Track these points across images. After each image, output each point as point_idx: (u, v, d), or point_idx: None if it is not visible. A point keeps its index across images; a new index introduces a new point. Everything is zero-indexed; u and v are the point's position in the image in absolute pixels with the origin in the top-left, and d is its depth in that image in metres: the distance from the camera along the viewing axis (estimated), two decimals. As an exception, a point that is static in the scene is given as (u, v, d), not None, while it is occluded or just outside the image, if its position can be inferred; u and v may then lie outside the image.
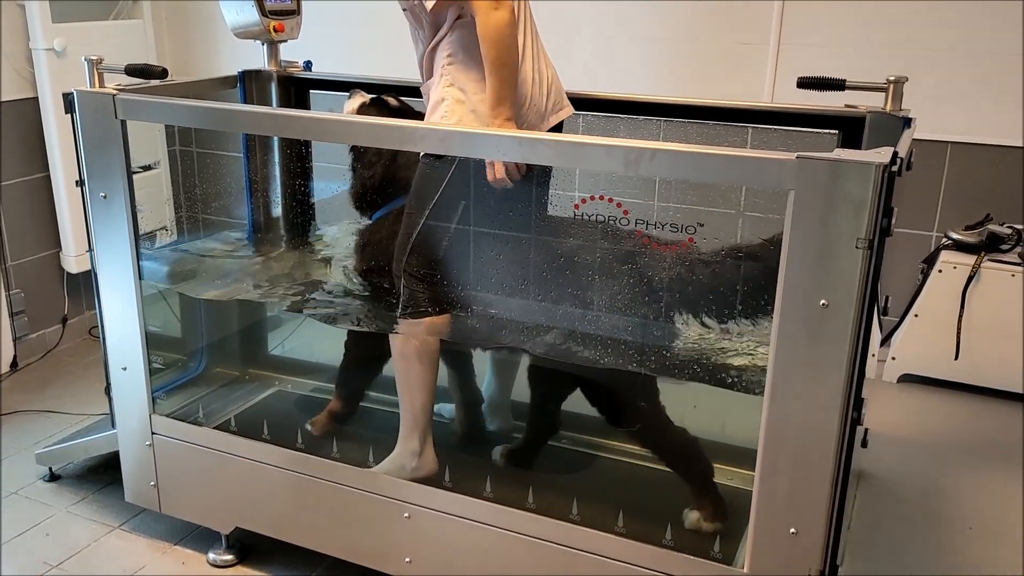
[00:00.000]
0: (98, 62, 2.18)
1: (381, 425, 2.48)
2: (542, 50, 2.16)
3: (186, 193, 2.97)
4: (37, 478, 2.74)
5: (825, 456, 1.60)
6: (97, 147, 2.15)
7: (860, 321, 1.53)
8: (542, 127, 2.12)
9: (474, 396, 2.55)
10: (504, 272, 2.14)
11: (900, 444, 2.88)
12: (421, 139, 1.89)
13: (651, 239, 1.95)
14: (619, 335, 2.03)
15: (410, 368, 2.18)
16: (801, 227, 1.51)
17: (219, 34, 3.94)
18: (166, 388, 2.57)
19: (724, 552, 1.86)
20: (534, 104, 2.09)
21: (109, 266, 2.24)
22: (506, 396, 2.55)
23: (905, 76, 2.08)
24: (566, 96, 2.20)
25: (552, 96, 2.15)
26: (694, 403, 2.18)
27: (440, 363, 2.23)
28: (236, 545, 2.39)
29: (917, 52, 3.11)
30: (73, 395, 3.25)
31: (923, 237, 3.29)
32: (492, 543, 1.99)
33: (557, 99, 2.18)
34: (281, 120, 2.17)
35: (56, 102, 3.33)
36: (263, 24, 2.57)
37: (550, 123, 2.15)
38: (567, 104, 2.20)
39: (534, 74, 2.09)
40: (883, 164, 1.46)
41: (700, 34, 3.33)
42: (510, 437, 2.49)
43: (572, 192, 2.08)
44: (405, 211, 2.16)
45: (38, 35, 3.30)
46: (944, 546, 2.39)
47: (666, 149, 1.61)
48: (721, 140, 2.37)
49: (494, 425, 2.55)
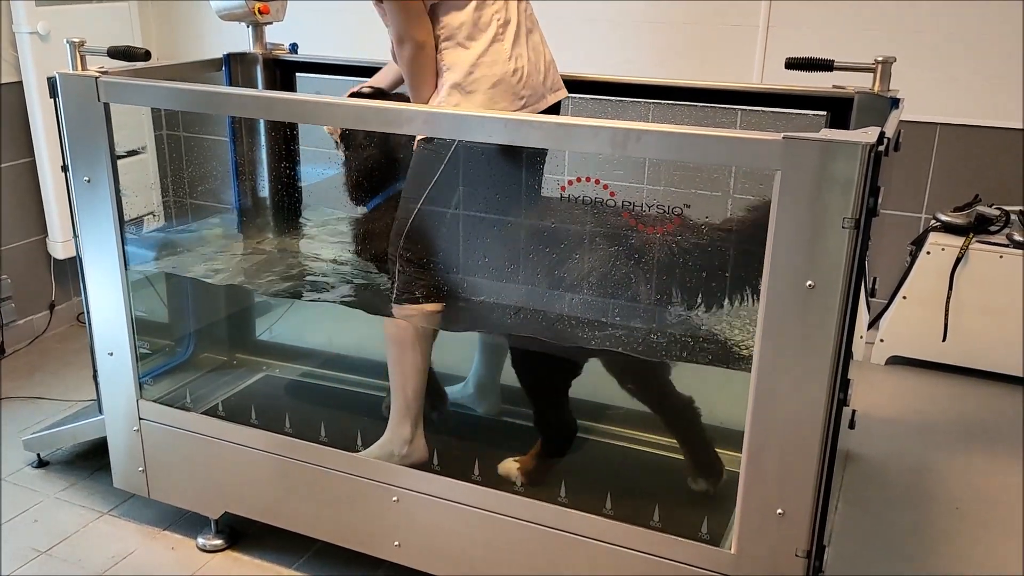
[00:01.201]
0: (80, 44, 2.16)
1: (370, 409, 2.48)
2: (536, 27, 2.17)
3: (173, 177, 2.95)
4: (25, 464, 2.73)
5: (812, 437, 1.61)
6: (80, 131, 2.13)
7: (846, 302, 1.53)
8: (540, 105, 2.13)
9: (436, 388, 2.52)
10: (498, 257, 2.14)
11: (888, 425, 2.90)
12: (408, 121, 1.88)
13: (638, 220, 1.95)
14: (616, 317, 2.03)
15: (403, 354, 2.17)
16: (788, 207, 1.51)
17: (205, 17, 3.91)
18: (153, 374, 2.56)
19: (712, 533, 1.86)
20: (529, 80, 2.09)
21: (94, 252, 2.22)
22: (496, 377, 2.54)
23: (893, 56, 2.07)
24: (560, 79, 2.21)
25: (551, 75, 2.16)
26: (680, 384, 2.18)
27: None
28: (225, 530, 2.39)
29: (906, 33, 3.10)
30: (61, 381, 3.23)
31: (911, 219, 3.29)
32: (481, 526, 2.00)
33: (555, 80, 2.18)
34: (266, 102, 2.15)
35: (41, 86, 3.31)
36: (248, 6, 2.54)
37: (549, 101, 2.15)
38: (562, 87, 2.21)
39: (528, 52, 2.10)
40: (869, 144, 1.46)
41: (689, 16, 3.32)
42: (498, 419, 2.48)
43: (561, 176, 2.08)
44: (402, 196, 2.15)
45: (22, 18, 3.27)
46: (931, 526, 2.41)
47: (653, 130, 1.60)
48: (710, 121, 2.36)
49: (482, 408, 2.54)
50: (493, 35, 2.06)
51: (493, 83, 2.04)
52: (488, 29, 2.05)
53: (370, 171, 2.34)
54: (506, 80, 2.05)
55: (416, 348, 2.16)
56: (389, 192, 2.34)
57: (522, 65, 2.08)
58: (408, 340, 2.16)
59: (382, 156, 2.33)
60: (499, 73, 2.04)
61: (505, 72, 2.05)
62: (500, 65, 2.05)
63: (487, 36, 2.05)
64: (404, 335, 2.16)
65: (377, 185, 2.36)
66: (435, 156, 2.06)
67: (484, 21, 2.06)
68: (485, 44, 2.05)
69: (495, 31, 2.06)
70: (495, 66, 2.04)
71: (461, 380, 2.57)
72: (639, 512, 1.93)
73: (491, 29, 2.06)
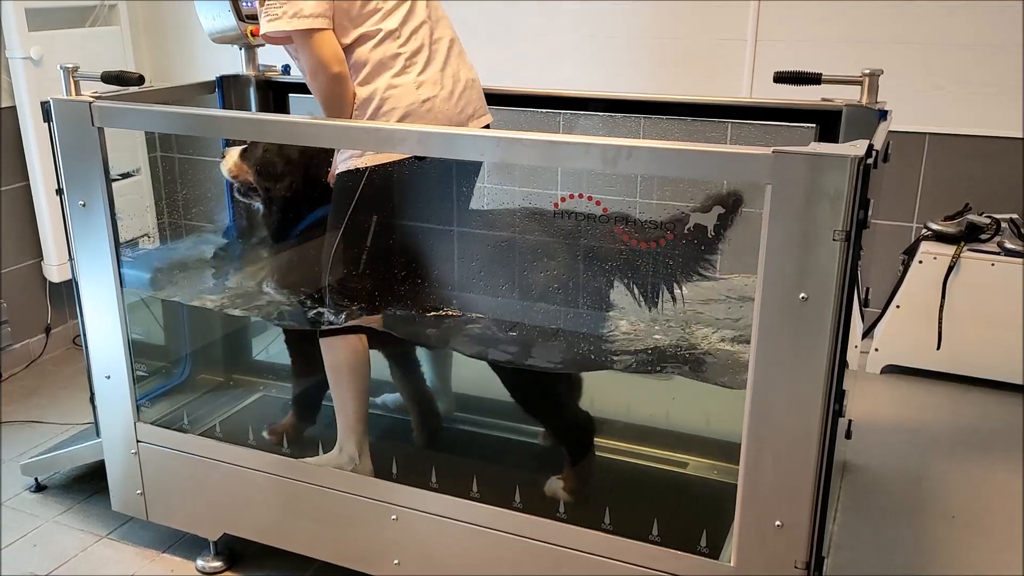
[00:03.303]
0: (74, 70, 2.17)
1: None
2: (455, 45, 2.19)
3: (167, 199, 2.95)
4: (23, 489, 2.72)
5: (808, 448, 1.61)
6: (75, 155, 2.14)
7: (840, 313, 1.54)
8: None
9: (424, 394, 2.56)
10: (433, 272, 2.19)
11: (884, 434, 2.90)
12: (400, 141, 1.89)
13: (629, 235, 1.96)
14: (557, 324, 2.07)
15: (340, 378, 2.20)
16: (779, 221, 1.52)
17: (197, 40, 3.93)
18: (150, 396, 2.56)
19: (711, 546, 1.87)
20: (441, 110, 2.11)
21: (90, 275, 2.23)
22: (445, 382, 2.60)
23: (880, 69, 2.09)
24: (485, 104, 2.25)
25: (469, 101, 2.18)
26: (673, 396, 2.19)
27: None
28: (224, 551, 2.38)
29: (893, 46, 3.13)
30: (58, 405, 3.23)
31: (903, 228, 3.31)
32: (480, 543, 2.00)
33: (476, 107, 2.20)
34: (260, 125, 2.16)
35: (34, 111, 3.31)
36: (240, 29, 2.56)
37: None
38: (485, 112, 2.24)
39: (444, 78, 2.12)
40: (858, 157, 1.47)
41: (678, 32, 3.34)
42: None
43: (554, 190, 2.09)
44: (328, 227, 2.18)
45: (15, 44, 3.28)
46: (929, 535, 2.41)
47: (643, 146, 1.61)
48: (700, 136, 2.38)
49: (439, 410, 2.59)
50: (401, 66, 2.08)
51: (401, 116, 2.07)
52: (396, 61, 2.08)
53: (290, 203, 2.38)
54: (415, 111, 2.07)
55: (352, 373, 2.19)
56: (308, 221, 2.38)
57: (433, 94, 2.09)
58: (344, 365, 2.19)
59: (302, 185, 2.37)
60: (405, 105, 2.07)
61: (413, 103, 2.07)
62: (408, 96, 2.07)
63: (395, 67, 2.08)
64: (340, 360, 2.19)
65: (297, 216, 2.39)
66: (353, 182, 2.09)
67: (389, 54, 2.08)
68: (392, 75, 2.07)
69: (403, 63, 2.08)
70: (402, 99, 2.07)
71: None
72: (638, 526, 1.94)
73: (399, 61, 2.08)
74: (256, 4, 2.51)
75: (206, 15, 2.57)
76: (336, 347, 2.19)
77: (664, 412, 2.28)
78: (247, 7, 2.57)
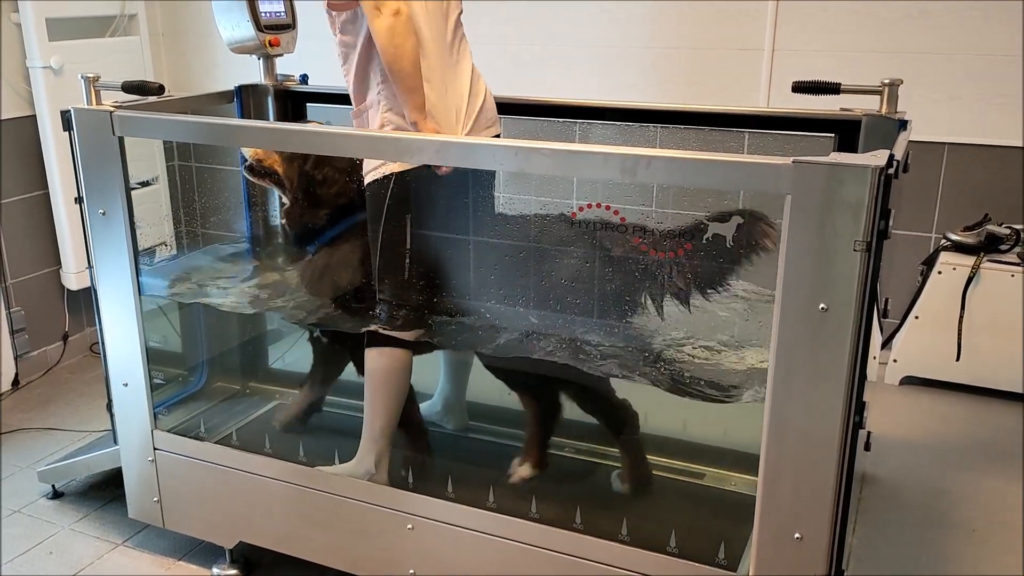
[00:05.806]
0: (95, 80, 2.19)
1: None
2: (465, 70, 2.17)
3: (185, 208, 2.97)
4: (40, 496, 2.73)
5: (828, 460, 1.60)
6: (95, 164, 2.16)
7: (860, 324, 1.53)
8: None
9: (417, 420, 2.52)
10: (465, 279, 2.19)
11: (903, 447, 2.88)
12: (419, 151, 1.89)
13: (647, 244, 1.96)
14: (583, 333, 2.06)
15: (377, 388, 2.20)
16: (799, 231, 1.52)
17: (216, 49, 3.95)
18: (167, 403, 2.57)
19: (729, 558, 1.85)
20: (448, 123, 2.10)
21: (109, 282, 2.24)
22: (462, 395, 2.59)
23: (900, 79, 2.08)
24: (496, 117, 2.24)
25: (480, 118, 2.17)
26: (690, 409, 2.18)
27: None
28: (240, 559, 2.38)
29: (912, 55, 3.12)
30: (75, 412, 3.25)
31: (922, 239, 3.29)
32: (496, 553, 1.99)
33: (487, 121, 2.20)
34: (279, 134, 2.17)
35: (54, 120, 3.34)
36: (259, 39, 2.57)
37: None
38: (495, 124, 2.23)
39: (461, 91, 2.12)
40: (879, 167, 1.46)
41: (696, 41, 3.34)
42: (465, 435, 2.53)
43: (570, 200, 2.09)
44: (369, 236, 2.17)
45: (35, 53, 3.31)
46: (949, 549, 2.39)
47: (663, 156, 1.61)
48: (718, 145, 2.37)
49: (451, 425, 2.58)
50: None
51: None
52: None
53: (319, 210, 2.37)
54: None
55: (392, 384, 2.19)
56: (337, 229, 2.37)
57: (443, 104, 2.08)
58: (386, 375, 2.19)
59: (332, 193, 2.36)
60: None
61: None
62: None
63: None
64: (383, 368, 2.19)
65: (325, 224, 2.38)
66: (384, 190, 2.08)
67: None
68: None
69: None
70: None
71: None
72: (655, 538, 1.93)
73: None
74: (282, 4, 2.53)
75: (225, 25, 2.59)
76: (382, 356, 2.19)
77: (681, 423, 2.27)
78: (266, 18, 2.59)
